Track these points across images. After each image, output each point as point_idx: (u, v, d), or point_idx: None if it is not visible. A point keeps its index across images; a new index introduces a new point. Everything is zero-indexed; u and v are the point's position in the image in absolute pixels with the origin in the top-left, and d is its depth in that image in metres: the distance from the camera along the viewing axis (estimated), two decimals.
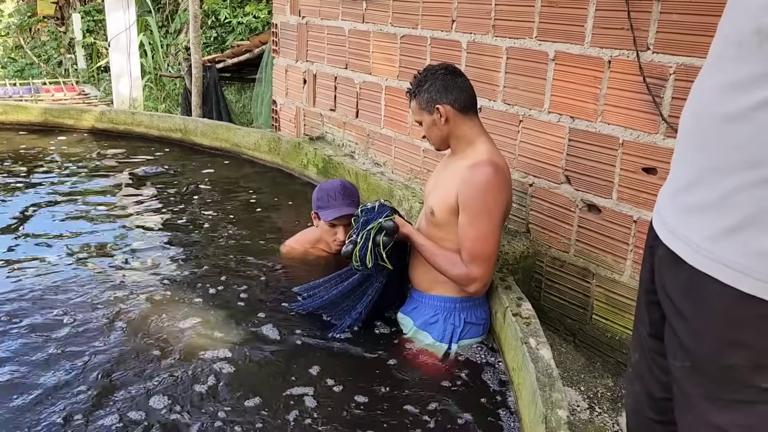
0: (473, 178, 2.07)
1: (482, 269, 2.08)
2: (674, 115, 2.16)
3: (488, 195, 2.06)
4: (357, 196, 2.68)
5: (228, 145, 4.61)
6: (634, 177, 2.32)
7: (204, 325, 2.30)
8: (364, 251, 2.13)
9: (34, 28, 11.21)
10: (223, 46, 8.63)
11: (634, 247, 2.36)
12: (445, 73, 2.19)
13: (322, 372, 2.06)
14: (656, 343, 1.27)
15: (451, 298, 2.21)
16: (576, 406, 2.25)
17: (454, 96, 2.15)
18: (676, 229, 1.12)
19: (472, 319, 2.22)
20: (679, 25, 2.12)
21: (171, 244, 3.04)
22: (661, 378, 1.29)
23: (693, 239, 1.07)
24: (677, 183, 1.16)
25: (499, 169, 2.09)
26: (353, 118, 3.91)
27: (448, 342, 2.19)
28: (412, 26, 3.30)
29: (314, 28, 4.13)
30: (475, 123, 2.20)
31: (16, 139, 4.89)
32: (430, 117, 2.19)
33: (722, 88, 1.03)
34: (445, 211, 2.15)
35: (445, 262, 2.13)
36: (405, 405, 1.94)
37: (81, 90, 8.46)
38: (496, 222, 2.08)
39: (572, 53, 2.47)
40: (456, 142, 2.21)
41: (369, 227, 2.14)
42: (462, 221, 2.09)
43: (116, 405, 1.86)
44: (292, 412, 1.87)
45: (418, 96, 2.20)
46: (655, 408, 1.33)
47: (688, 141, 1.13)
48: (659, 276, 1.20)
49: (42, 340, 2.16)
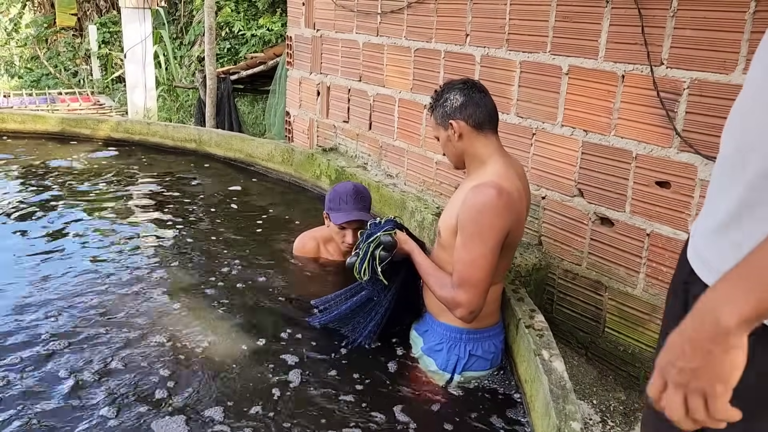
0: (472, 200, 1.97)
1: (468, 295, 1.96)
2: (688, 129, 2.17)
3: (484, 218, 1.94)
4: (369, 200, 2.71)
5: (242, 155, 4.65)
6: (648, 191, 2.33)
7: (214, 334, 2.32)
8: (362, 264, 2.15)
9: (51, 38, 11.39)
10: (236, 58, 8.72)
11: (647, 261, 2.36)
12: (463, 87, 2.09)
13: (330, 383, 2.07)
14: None
15: (457, 329, 2.13)
16: (588, 419, 2.25)
17: (470, 111, 2.05)
18: (723, 268, 1.02)
19: (478, 351, 2.14)
20: (693, 41, 2.14)
21: (184, 253, 3.07)
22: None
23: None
24: (719, 216, 1.06)
25: (502, 192, 1.95)
26: (366, 129, 3.94)
27: (451, 372, 2.14)
28: (426, 40, 3.34)
29: (328, 40, 4.18)
30: (491, 141, 2.08)
31: (34, 148, 4.96)
32: (445, 133, 2.11)
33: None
34: (448, 233, 2.08)
35: (436, 283, 2.06)
36: (415, 409, 1.95)
37: (96, 100, 8.57)
38: (489, 247, 1.95)
39: (586, 67, 2.49)
40: (470, 160, 2.11)
41: (369, 240, 2.16)
42: (457, 243, 2.01)
43: (124, 408, 1.88)
44: (295, 422, 1.89)
45: (435, 111, 2.13)
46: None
47: (731, 170, 1.03)
48: None
49: (47, 344, 2.20)
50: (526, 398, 2.02)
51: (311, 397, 2.00)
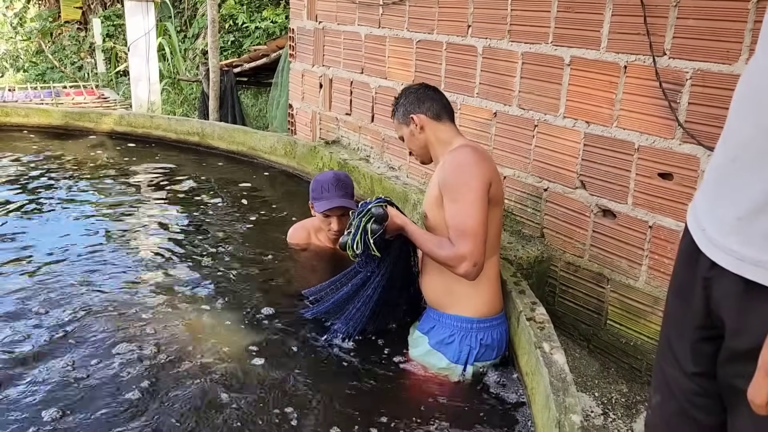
0: (449, 159, 2.12)
1: (469, 245, 2.00)
2: (691, 120, 2.16)
3: (465, 168, 2.07)
4: (351, 187, 2.75)
5: (244, 148, 4.65)
6: (650, 182, 2.32)
7: (207, 325, 2.32)
8: (354, 238, 2.14)
9: (56, 32, 11.39)
10: (239, 51, 8.71)
11: (650, 253, 2.35)
12: (417, 88, 2.32)
13: (322, 381, 2.06)
14: (700, 381, 1.16)
15: (468, 318, 2.15)
16: (590, 411, 2.24)
17: (427, 105, 2.26)
18: (757, 257, 0.99)
19: (487, 341, 2.16)
20: (696, 31, 2.11)
21: (184, 245, 3.08)
22: (702, 420, 1.19)
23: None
24: (742, 204, 1.03)
25: (475, 149, 2.14)
26: (369, 122, 3.93)
27: (464, 363, 2.14)
28: (428, 31, 3.32)
29: (331, 33, 4.16)
30: (450, 128, 2.27)
31: (38, 141, 4.98)
32: (407, 129, 2.29)
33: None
34: (434, 207, 2.15)
35: (435, 245, 2.09)
36: (414, 406, 1.95)
37: (100, 94, 8.58)
38: (477, 194, 2.03)
39: (588, 58, 2.47)
40: (435, 148, 2.26)
41: (360, 215, 2.15)
42: (445, 202, 2.08)
43: (111, 398, 1.89)
44: (292, 420, 1.89)
45: (396, 112, 2.33)
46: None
47: (756, 156, 1.01)
48: (730, 311, 1.07)
49: (48, 334, 2.21)
50: (527, 391, 2.02)
51: (305, 393, 2.01)
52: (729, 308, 1.06)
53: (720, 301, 1.08)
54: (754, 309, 1.02)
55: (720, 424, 1.17)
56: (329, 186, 2.68)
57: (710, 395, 1.16)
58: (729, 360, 1.10)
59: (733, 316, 1.06)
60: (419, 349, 2.22)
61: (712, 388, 1.15)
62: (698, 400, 1.18)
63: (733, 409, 1.12)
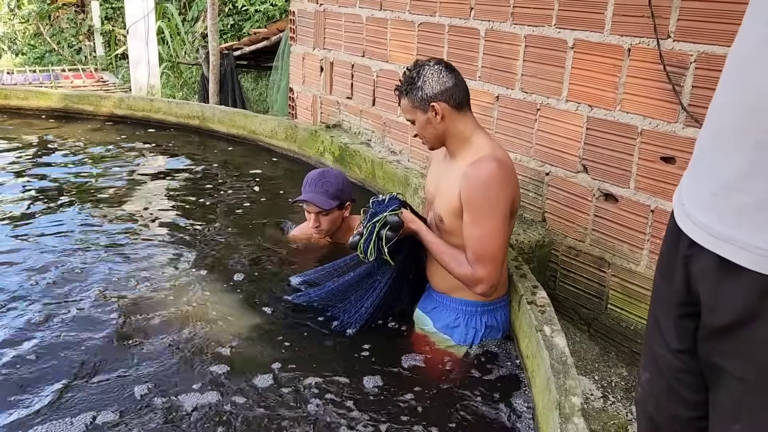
0: (474, 174, 1.98)
1: (487, 270, 1.99)
2: (694, 104, 2.14)
3: (490, 191, 1.97)
4: (334, 186, 2.62)
5: (245, 132, 4.63)
6: (653, 166, 2.31)
7: (209, 314, 2.31)
8: (368, 244, 2.12)
9: (54, 15, 11.30)
10: (239, 34, 8.65)
11: (651, 237, 2.35)
12: (439, 69, 2.08)
13: (328, 365, 2.06)
14: (685, 358, 1.19)
15: (473, 302, 2.16)
16: (590, 394, 2.26)
17: (450, 92, 2.05)
18: (729, 234, 1.02)
19: (492, 323, 2.19)
20: (701, 13, 2.09)
21: (181, 229, 3.08)
22: (688, 397, 1.21)
23: (756, 244, 0.97)
24: (718, 182, 1.05)
25: (502, 164, 2.00)
26: (370, 105, 3.91)
27: (469, 344, 2.17)
28: (430, 13, 3.29)
29: (332, 15, 4.13)
30: (470, 119, 2.11)
31: (37, 124, 4.96)
32: (424, 116, 2.08)
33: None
34: (452, 215, 2.07)
35: (452, 261, 2.06)
36: (415, 392, 1.96)
37: (99, 77, 8.52)
38: (500, 218, 1.99)
39: (592, 41, 2.45)
40: (452, 140, 2.11)
41: (375, 220, 2.12)
42: (466, 220, 2.01)
43: (105, 388, 1.89)
44: (301, 404, 1.90)
45: (411, 94, 2.08)
46: (679, 429, 1.27)
47: (734, 134, 1.02)
48: (706, 288, 1.09)
49: (46, 322, 2.21)
50: (527, 374, 2.03)
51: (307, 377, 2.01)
52: (705, 285, 1.09)
53: (698, 277, 1.11)
54: (726, 286, 1.05)
55: (704, 401, 1.19)
56: (306, 181, 2.68)
57: (694, 373, 1.19)
58: (707, 337, 1.12)
59: (708, 292, 1.09)
60: (421, 325, 2.24)
61: (695, 365, 1.18)
62: (684, 378, 1.21)
63: (713, 385, 1.15)
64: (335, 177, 2.69)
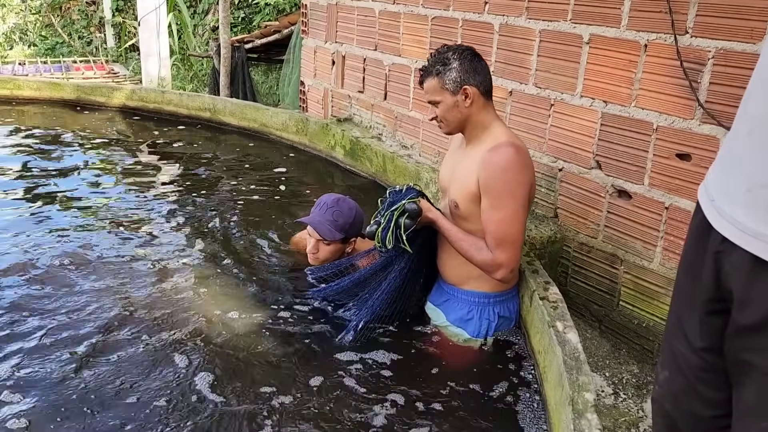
0: (493, 159, 2.00)
1: (508, 254, 2.01)
2: (711, 100, 2.13)
3: (509, 174, 1.99)
4: (344, 218, 2.38)
5: (256, 125, 4.64)
6: (668, 163, 2.29)
7: (222, 306, 2.33)
8: (386, 232, 2.12)
9: (65, 6, 11.32)
10: (250, 27, 8.64)
11: (665, 234, 2.34)
12: (472, 55, 2.10)
13: (339, 361, 2.07)
14: (708, 356, 1.19)
15: (485, 293, 2.17)
16: (601, 391, 2.25)
17: (481, 78, 2.08)
18: (762, 230, 1.01)
19: (505, 313, 2.20)
20: (719, 9, 2.08)
21: (194, 219, 3.09)
22: (708, 395, 1.21)
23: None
24: (753, 178, 1.04)
25: (519, 150, 2.03)
26: (381, 100, 3.90)
27: (483, 336, 2.18)
28: (443, 8, 3.28)
29: (344, 8, 4.12)
30: (491, 109, 2.14)
31: (49, 115, 4.98)
32: (452, 98, 2.07)
33: None
34: (468, 201, 2.08)
35: (471, 247, 2.06)
36: (427, 387, 1.97)
37: (110, 69, 8.56)
38: (520, 202, 2.00)
39: (608, 36, 2.44)
40: (471, 127, 2.12)
41: (393, 208, 2.12)
42: (484, 205, 2.02)
43: (119, 379, 1.91)
44: (311, 399, 1.90)
45: (443, 74, 2.06)
46: (698, 427, 1.27)
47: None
48: (738, 284, 1.08)
49: (51, 311, 2.23)
50: (539, 369, 2.02)
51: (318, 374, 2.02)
52: (737, 281, 1.09)
53: (730, 273, 1.10)
54: (759, 282, 1.04)
55: (725, 400, 1.20)
56: (319, 203, 2.44)
57: (716, 371, 1.19)
58: (736, 333, 1.12)
59: (741, 288, 1.08)
60: (434, 319, 2.25)
61: (718, 363, 1.18)
62: (705, 376, 1.21)
63: (738, 382, 1.15)
64: (349, 209, 2.42)
